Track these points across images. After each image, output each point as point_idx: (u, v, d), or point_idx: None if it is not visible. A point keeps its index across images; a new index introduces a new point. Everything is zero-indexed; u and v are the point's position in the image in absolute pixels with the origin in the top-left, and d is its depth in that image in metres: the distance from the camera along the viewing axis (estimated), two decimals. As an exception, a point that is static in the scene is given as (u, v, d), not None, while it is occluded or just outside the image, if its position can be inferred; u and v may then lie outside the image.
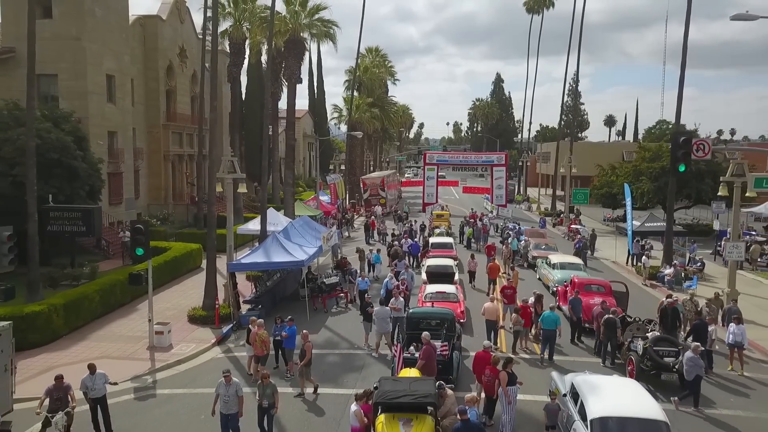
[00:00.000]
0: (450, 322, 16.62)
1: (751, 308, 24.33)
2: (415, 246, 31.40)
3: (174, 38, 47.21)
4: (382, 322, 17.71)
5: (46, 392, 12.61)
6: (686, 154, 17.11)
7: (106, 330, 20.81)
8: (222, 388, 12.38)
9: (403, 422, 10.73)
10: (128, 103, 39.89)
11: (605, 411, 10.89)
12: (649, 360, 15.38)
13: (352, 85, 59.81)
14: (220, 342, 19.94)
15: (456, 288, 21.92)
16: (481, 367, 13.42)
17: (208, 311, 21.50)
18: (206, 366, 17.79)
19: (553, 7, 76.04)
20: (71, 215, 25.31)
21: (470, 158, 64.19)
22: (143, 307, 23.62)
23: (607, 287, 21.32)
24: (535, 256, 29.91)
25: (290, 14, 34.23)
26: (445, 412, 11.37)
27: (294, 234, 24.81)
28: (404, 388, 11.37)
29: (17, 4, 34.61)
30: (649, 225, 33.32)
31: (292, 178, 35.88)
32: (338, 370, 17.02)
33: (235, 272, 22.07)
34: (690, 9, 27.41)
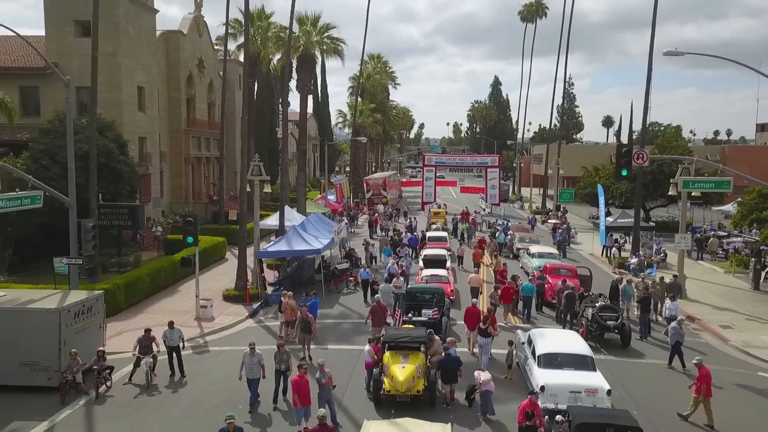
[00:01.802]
0: (440, 295, 20.93)
1: (700, 291, 28.68)
2: (414, 239, 35.74)
3: (193, 51, 51.47)
4: (386, 297, 22.00)
5: (138, 340, 16.91)
6: (628, 161, 21.44)
7: (157, 306, 25.07)
8: (247, 358, 14.98)
9: (403, 356, 15.02)
10: (155, 111, 44.17)
11: (547, 349, 15.23)
12: (595, 323, 19.68)
13: (355, 92, 64.07)
14: (252, 315, 24.20)
15: (448, 272, 26.22)
16: (471, 318, 18.14)
17: (240, 291, 25.78)
18: (243, 332, 22.06)
19: (545, 17, 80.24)
20: (120, 211, 29.53)
21: (466, 160, 68.58)
22: (183, 289, 28.04)
23: (573, 271, 25.67)
24: (519, 248, 34.21)
25: (303, 33, 38.40)
26: (433, 351, 15.67)
27: (310, 228, 29.07)
28: (404, 334, 15.71)
29: (59, 23, 39.02)
30: (621, 221, 37.54)
31: (304, 179, 40.11)
32: (351, 333, 21.32)
33: (262, 259, 26.37)
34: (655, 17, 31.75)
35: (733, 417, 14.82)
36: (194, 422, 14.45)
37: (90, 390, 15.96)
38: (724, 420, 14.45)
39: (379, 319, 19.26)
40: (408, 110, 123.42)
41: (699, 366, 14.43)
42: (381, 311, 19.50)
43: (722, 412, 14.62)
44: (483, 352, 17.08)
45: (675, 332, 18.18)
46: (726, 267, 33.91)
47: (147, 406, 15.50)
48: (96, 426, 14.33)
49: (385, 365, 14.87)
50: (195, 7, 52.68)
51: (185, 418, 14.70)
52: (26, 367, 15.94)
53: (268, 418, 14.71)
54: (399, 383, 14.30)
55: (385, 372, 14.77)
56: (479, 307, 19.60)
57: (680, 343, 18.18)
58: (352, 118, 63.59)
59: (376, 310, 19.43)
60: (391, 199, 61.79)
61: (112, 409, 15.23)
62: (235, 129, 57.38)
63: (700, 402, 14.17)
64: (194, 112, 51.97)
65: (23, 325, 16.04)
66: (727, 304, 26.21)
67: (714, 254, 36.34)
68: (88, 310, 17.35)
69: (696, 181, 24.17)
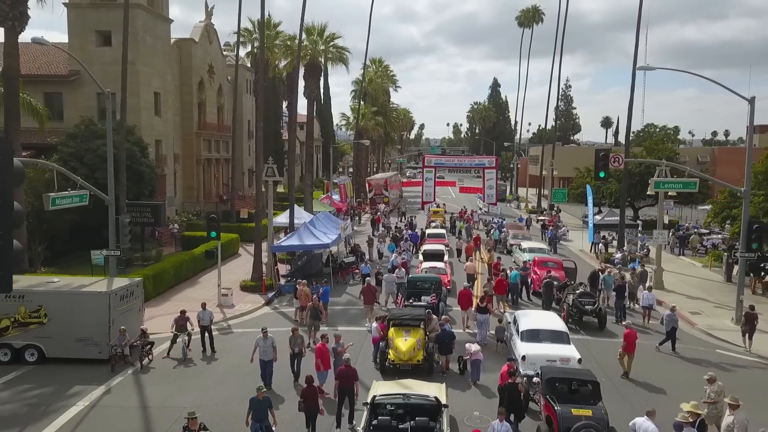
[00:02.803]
0: (437, 283, 23.52)
1: (677, 282, 31.24)
2: (414, 235, 38.33)
3: (204, 57, 54.02)
4: (389, 286, 24.61)
5: (174, 320, 19.47)
6: (605, 164, 24.04)
7: (181, 295, 27.60)
8: (260, 341, 16.54)
9: (405, 331, 17.57)
10: (170, 115, 46.76)
11: (528, 326, 17.80)
12: (575, 307, 22.25)
13: (358, 96, 66.60)
14: (268, 303, 26.73)
15: (445, 265, 28.78)
16: (464, 299, 21.09)
17: (256, 282, 28.33)
18: (261, 317, 24.60)
19: (542, 22, 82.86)
20: (144, 210, 32.11)
21: (464, 161, 71.11)
22: (203, 281, 30.60)
23: (560, 263, 28.24)
24: (512, 244, 36.78)
25: (310, 43, 40.99)
26: (431, 328, 18.22)
27: (319, 224, 31.61)
28: (406, 313, 18.28)
29: (81, 33, 41.60)
30: (609, 219, 40.10)
31: (310, 180, 42.71)
32: (357, 317, 23.86)
33: (276, 253, 28.91)
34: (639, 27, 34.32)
35: (678, 378, 17.37)
36: (227, 387, 16.96)
37: (135, 362, 18.52)
38: (672, 380, 17.04)
39: (369, 298, 22.64)
40: (408, 111, 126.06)
41: (626, 328, 17.77)
42: (371, 292, 22.84)
43: (674, 375, 17.19)
44: (482, 328, 19.73)
45: (670, 319, 20.28)
46: (704, 262, 36.44)
47: (185, 375, 18.07)
48: (145, 389, 16.88)
49: (390, 339, 17.44)
50: (205, 16, 55.23)
51: (219, 384, 17.23)
52: (81, 342, 18.49)
53: (285, 390, 17.17)
54: (402, 353, 16.87)
55: (390, 345, 17.33)
56: (473, 292, 22.21)
57: (675, 329, 20.27)
58: (354, 121, 66.11)
59: (366, 291, 22.92)
60: (392, 199, 64.35)
61: (156, 377, 17.80)
62: (242, 131, 59.97)
63: (626, 358, 17.60)
64: (205, 115, 54.52)
65: (78, 306, 18.59)
66: (699, 294, 28.75)
67: (695, 250, 38.86)
68: (131, 294, 19.91)
69: (666, 182, 26.71)
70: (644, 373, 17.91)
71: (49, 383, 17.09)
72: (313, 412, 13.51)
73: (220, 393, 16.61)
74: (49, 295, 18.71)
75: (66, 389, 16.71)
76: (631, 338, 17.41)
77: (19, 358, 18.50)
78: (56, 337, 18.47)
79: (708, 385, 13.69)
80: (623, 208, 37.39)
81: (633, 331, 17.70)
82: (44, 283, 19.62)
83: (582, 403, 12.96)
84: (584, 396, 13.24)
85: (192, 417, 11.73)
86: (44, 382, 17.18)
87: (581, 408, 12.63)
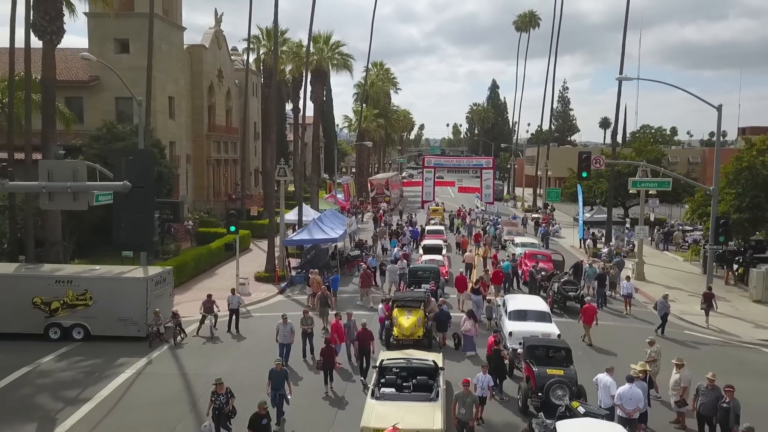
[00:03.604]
0: (436, 273, 26.11)
1: (658, 274, 33.81)
2: (415, 232, 40.90)
3: (214, 62, 56.48)
4: (392, 275, 27.15)
5: (203, 303, 21.97)
6: (587, 165, 26.58)
7: (201, 285, 30.09)
8: (281, 326, 18.61)
9: (407, 311, 20.09)
10: (182, 118, 49.29)
11: (515, 307, 20.34)
12: (560, 294, 24.80)
13: (360, 99, 69.16)
14: (281, 292, 29.28)
15: (443, 258, 31.32)
16: (460, 283, 24.06)
17: (269, 273, 30.86)
18: (276, 304, 27.15)
19: (538, 27, 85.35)
20: (164, 207, 34.40)
21: (463, 162, 73.61)
22: (220, 272, 33.14)
23: (548, 256, 30.80)
24: (506, 239, 39.35)
25: (317, 50, 43.54)
26: (430, 309, 20.75)
27: (326, 221, 34.16)
28: (408, 295, 20.85)
29: (101, 41, 44.10)
30: (597, 217, 42.64)
31: (317, 179, 45.27)
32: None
33: (287, 246, 31.44)
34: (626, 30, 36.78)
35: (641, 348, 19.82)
36: (251, 360, 19.44)
37: (169, 339, 21.03)
38: (634, 349, 19.42)
39: (366, 282, 26.09)
40: (408, 113, 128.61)
41: (585, 303, 21.03)
42: (368, 277, 26.50)
43: (638, 345, 19.67)
44: (477, 307, 22.22)
45: (662, 305, 22.57)
46: (686, 256, 38.97)
47: (214, 350, 20.60)
48: (181, 360, 19.41)
49: (394, 318, 19.97)
50: (215, 23, 57.70)
51: (244, 358, 19.74)
52: (121, 322, 21.00)
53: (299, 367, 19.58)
54: (404, 329, 19.41)
55: (394, 323, 19.86)
56: (469, 279, 24.81)
57: (667, 314, 22.51)
58: (357, 122, 68.68)
59: (363, 276, 26.59)
60: (393, 198, 66.90)
61: (189, 351, 20.32)
62: (249, 133, 62.44)
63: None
64: (214, 118, 56.96)
65: (119, 290, 21.11)
66: (677, 284, 31.29)
67: (678, 246, 41.41)
68: (163, 281, 22.44)
69: (642, 182, 29.24)
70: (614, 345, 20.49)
71: (97, 356, 19.62)
72: (330, 367, 16.14)
73: (244, 365, 19.08)
74: (93, 281, 21.24)
75: (113, 360, 19.24)
76: (587, 312, 20.73)
77: (68, 335, 21.01)
78: (100, 317, 20.98)
79: (648, 347, 16.63)
80: (610, 207, 39.92)
81: (590, 306, 21.15)
82: (88, 270, 22.17)
83: (556, 365, 15.47)
84: (558, 360, 15.76)
85: (219, 383, 14.02)
86: (93, 355, 19.71)
87: (555, 369, 15.15)
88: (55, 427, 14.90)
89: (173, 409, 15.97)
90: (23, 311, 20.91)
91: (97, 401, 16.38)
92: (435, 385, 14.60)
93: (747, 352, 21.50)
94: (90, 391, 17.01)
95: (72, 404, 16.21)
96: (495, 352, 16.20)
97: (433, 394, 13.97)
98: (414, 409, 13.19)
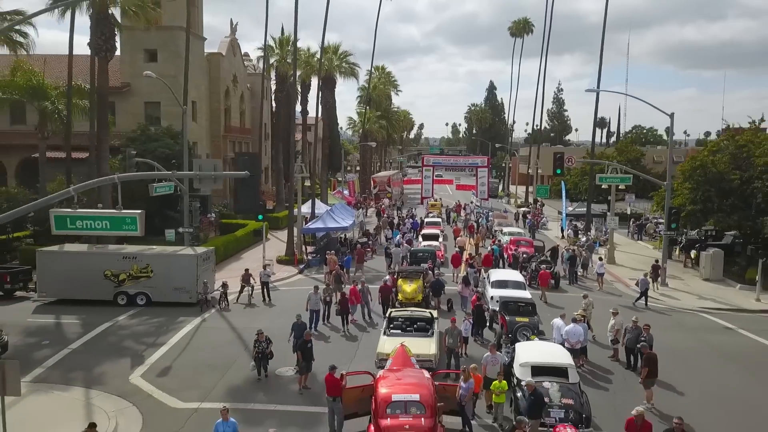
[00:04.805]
0: (433, 254, 31.01)
1: (628, 259, 38.62)
2: (415, 223, 45.80)
3: (229, 68, 61.28)
4: (396, 256, 32.01)
5: (242, 276, 26.80)
6: (561, 163, 31.43)
7: (230, 267, 34.85)
8: (312, 295, 23.35)
9: (409, 280, 24.92)
10: (203, 120, 54.09)
11: (496, 277, 25.22)
12: (536, 271, 29.63)
13: (364, 102, 73.96)
14: (300, 272, 34.10)
15: (440, 244, 36.21)
16: (455, 259, 28.90)
17: (289, 257, 35.68)
18: (297, 281, 31.98)
19: (532, 33, 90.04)
20: (194, 200, 39.20)
21: (459, 161, 78.44)
22: (245, 257, 37.91)
23: (530, 242, 35.71)
24: (496, 230, 44.22)
25: (327, 60, 48.32)
26: (428, 280, 25.58)
27: (337, 212, 39.00)
28: (410, 269, 25.75)
29: (132, 51, 48.96)
30: (579, 210, 47.48)
31: (326, 177, 50.07)
32: (372, 279, 31.21)
33: (304, 234, 36.31)
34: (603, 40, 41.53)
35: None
36: (282, 321, 23.88)
37: (216, 304, 25.84)
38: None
39: (360, 258, 32.20)
40: (408, 113, 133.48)
41: (540, 271, 26.47)
42: (361, 254, 32.85)
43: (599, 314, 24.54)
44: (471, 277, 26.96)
45: (643, 282, 27.35)
46: (656, 245, 43.77)
47: (253, 312, 25.42)
48: (229, 319, 24.24)
49: (399, 286, 24.80)
50: (230, 32, 62.48)
51: (279, 317, 24.44)
52: (177, 291, 25.79)
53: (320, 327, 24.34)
54: (407, 293, 24.24)
55: (399, 290, 24.69)
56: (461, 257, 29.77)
57: (647, 289, 27.25)
58: (360, 124, 73.49)
59: (359, 253, 32.91)
60: (394, 195, 71.70)
61: (233, 314, 25.15)
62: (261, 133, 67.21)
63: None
64: (230, 120, 61.77)
65: (174, 265, 25.93)
66: (641, 267, 35.85)
67: (650, 236, 46.24)
68: (208, 258, 27.26)
69: (607, 177, 34.08)
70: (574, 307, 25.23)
71: (160, 316, 24.45)
72: (345, 313, 21.62)
73: (277, 323, 23.59)
74: (154, 257, 26.08)
75: (174, 319, 24.07)
76: (542, 277, 26.77)
77: (132, 302, 25.82)
78: (159, 286, 25.79)
79: (583, 300, 22.04)
80: (590, 201, 44.81)
81: (545, 272, 27.18)
82: (147, 249, 27.00)
83: (523, 315, 20.31)
84: (525, 311, 20.59)
85: (260, 332, 18.57)
86: (156, 315, 24.54)
87: (522, 317, 20.00)
88: (144, 360, 19.72)
89: (228, 351, 20.78)
90: (96, 282, 25.72)
91: (170, 345, 21.23)
92: (431, 328, 19.40)
93: (686, 316, 26.37)
94: (162, 338, 21.86)
95: (151, 347, 21.04)
96: (477, 307, 21.05)
97: (429, 333, 18.80)
98: (415, 341, 17.98)
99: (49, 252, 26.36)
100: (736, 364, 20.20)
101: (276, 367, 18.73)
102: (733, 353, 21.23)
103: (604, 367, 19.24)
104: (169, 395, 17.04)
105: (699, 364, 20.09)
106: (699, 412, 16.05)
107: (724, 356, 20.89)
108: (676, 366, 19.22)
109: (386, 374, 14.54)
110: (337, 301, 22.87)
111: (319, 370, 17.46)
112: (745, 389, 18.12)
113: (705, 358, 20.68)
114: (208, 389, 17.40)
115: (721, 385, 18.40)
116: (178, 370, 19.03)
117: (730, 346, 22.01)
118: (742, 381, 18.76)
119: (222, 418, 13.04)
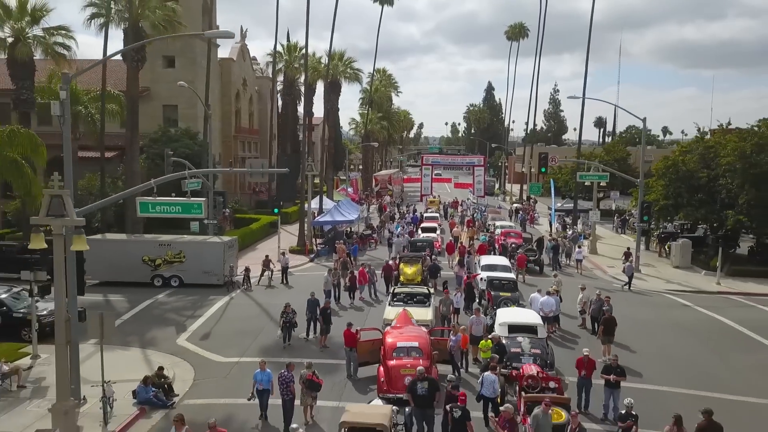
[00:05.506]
0: (431, 243, 34.72)
1: (609, 250, 42.30)
2: (415, 218, 49.56)
3: (240, 73, 64.95)
4: (398, 246, 35.70)
5: (263, 261, 30.47)
6: (545, 162, 35.11)
7: (247, 256, 38.36)
8: (328, 277, 27.87)
9: (410, 264, 28.61)
10: (216, 122, 57.62)
11: (486, 262, 28.93)
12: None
13: (367, 103, 77.61)
14: (311, 261, 37.78)
15: (437, 236, 39.92)
16: (450, 248, 32.53)
17: (301, 247, 39.35)
18: (309, 268, 35.67)
19: (527, 37, 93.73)
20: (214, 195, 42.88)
21: (457, 160, 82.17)
22: (260, 248, 41.54)
23: (519, 234, 39.44)
24: (489, 223, 47.91)
25: (333, 66, 51.96)
26: (426, 264, 29.26)
27: (343, 207, 42.70)
28: (411, 255, 29.46)
29: (151, 57, 52.07)
30: (567, 206, 51.17)
31: (332, 175, 53.72)
32: (375, 266, 34.85)
33: (314, 227, 40.01)
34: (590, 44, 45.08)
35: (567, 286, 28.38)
36: (301, 298, 27.69)
37: (240, 286, 29.52)
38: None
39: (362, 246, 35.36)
40: (408, 113, 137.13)
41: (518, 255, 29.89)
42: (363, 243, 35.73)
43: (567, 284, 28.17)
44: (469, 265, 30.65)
45: (629, 268, 31.11)
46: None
47: (274, 292, 29.10)
48: (254, 297, 27.91)
49: (401, 268, 28.49)
50: (241, 38, 66.14)
51: (298, 295, 27.92)
52: (206, 274, 29.45)
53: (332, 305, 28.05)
54: (408, 275, 27.91)
55: (401, 272, 28.36)
56: (455, 246, 33.42)
57: (632, 275, 30.82)
58: (363, 125, 77.14)
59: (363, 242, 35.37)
60: (395, 193, 75.41)
61: (256, 293, 28.83)
62: (267, 133, 70.93)
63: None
64: (240, 121, 65.45)
65: (204, 251, 29.61)
66: (620, 257, 39.74)
67: (632, 230, 49.91)
68: (232, 246, 30.94)
69: (586, 175, 37.79)
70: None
71: (193, 295, 28.13)
72: (353, 289, 25.11)
73: (296, 300, 27.28)
74: (186, 244, 29.76)
75: (206, 297, 27.75)
76: (520, 260, 30.53)
77: (167, 284, 29.47)
78: (190, 270, 29.45)
79: (554, 278, 25.85)
80: (576, 198, 48.49)
81: (522, 256, 30.95)
82: (178, 237, 30.65)
83: (506, 290, 24.01)
84: (508, 287, 24.32)
85: (287, 305, 22.17)
86: (190, 294, 28.22)
87: (505, 292, 23.70)
88: (186, 328, 23.40)
89: (257, 322, 24.47)
90: (135, 266, 29.39)
91: (206, 317, 24.93)
92: (428, 300, 23.09)
93: (654, 297, 30.06)
94: (199, 311, 25.56)
95: (190, 318, 24.74)
96: (468, 285, 24.74)
97: (427, 304, 22.50)
98: (415, 310, 21.65)
99: (94, 240, 29.96)
100: (686, 331, 23.92)
101: (299, 333, 22.39)
102: (686, 324, 24.94)
103: (572, 333, 22.96)
104: (213, 353, 20.74)
105: (654, 331, 23.81)
106: (647, 364, 19.76)
107: (677, 325, 24.61)
108: (635, 333, 22.93)
109: (391, 330, 18.25)
110: (347, 280, 26.53)
111: (334, 333, 21.16)
112: (690, 350, 21.82)
113: (660, 328, 24.38)
114: (244, 348, 21.10)
115: (669, 345, 22.11)
116: (216, 335, 22.73)
117: (684, 319, 25.73)
118: (688, 344, 22.46)
119: (260, 368, 16.37)
